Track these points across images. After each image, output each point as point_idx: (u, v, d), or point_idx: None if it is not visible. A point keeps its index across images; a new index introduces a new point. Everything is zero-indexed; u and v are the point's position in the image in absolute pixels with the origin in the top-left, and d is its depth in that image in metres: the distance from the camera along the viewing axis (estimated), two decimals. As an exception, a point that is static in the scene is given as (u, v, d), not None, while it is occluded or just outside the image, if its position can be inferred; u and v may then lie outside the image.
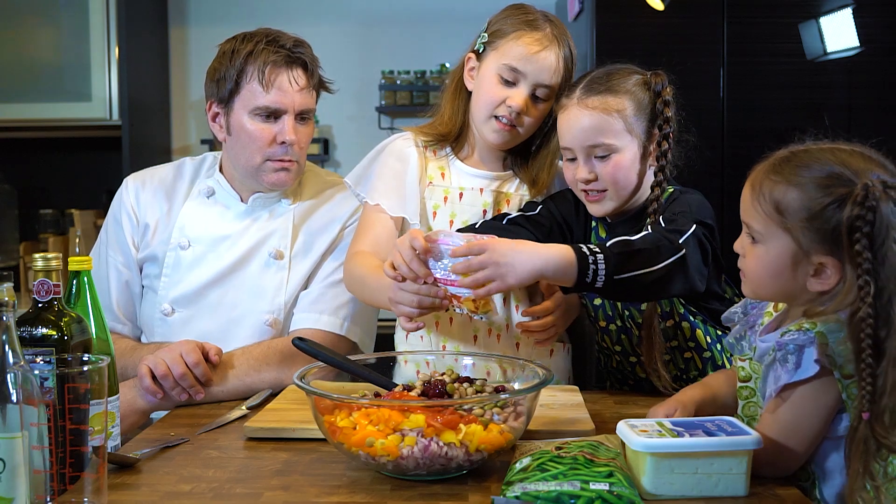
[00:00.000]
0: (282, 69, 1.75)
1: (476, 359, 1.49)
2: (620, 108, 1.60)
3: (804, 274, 1.21)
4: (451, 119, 1.79)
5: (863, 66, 2.91)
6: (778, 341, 1.22)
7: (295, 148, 1.78)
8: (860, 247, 1.13)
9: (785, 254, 1.21)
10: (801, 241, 1.19)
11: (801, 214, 1.19)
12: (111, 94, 3.41)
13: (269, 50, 1.75)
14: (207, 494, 1.16)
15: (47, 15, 3.42)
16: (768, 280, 1.25)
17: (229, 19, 3.73)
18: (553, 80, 1.69)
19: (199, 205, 1.86)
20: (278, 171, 1.79)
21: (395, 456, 1.15)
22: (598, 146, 1.60)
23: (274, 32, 1.79)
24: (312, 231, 1.85)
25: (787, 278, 1.23)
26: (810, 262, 1.20)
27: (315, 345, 1.42)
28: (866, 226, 1.14)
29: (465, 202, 1.76)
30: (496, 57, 1.69)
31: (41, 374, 1.09)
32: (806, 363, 1.18)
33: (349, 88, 3.80)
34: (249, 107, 1.75)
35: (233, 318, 1.78)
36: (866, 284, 1.13)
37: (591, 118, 1.59)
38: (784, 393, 1.21)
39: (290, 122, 1.76)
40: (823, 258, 1.19)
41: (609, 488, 1.06)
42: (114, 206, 1.90)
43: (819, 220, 1.18)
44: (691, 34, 2.92)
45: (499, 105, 1.68)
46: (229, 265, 1.81)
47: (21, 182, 3.71)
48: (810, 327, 1.19)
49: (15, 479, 0.99)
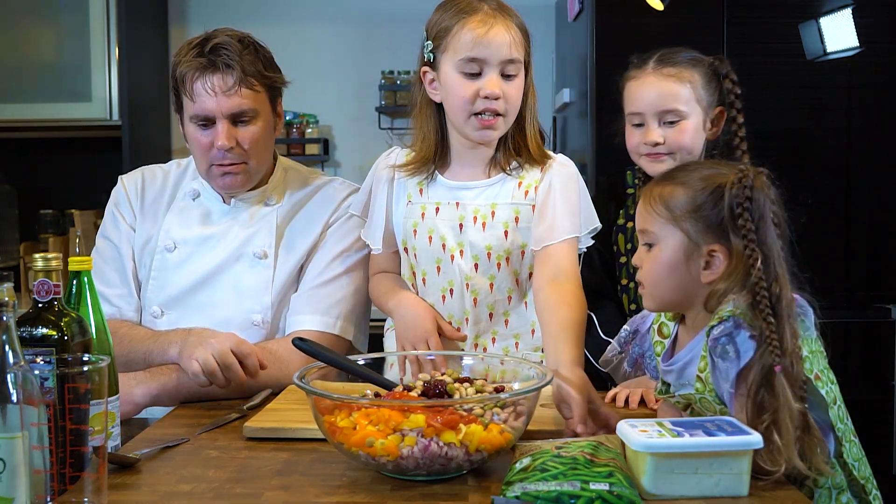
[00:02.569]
0: (199, 76, 1.74)
1: (476, 359, 1.49)
2: (693, 77, 1.77)
3: (696, 267, 1.30)
4: (425, 139, 1.74)
5: (863, 66, 2.91)
6: (710, 341, 1.25)
7: (235, 151, 1.77)
8: (743, 220, 1.25)
9: (678, 247, 1.30)
10: (690, 233, 1.29)
11: (687, 207, 1.29)
12: (111, 94, 3.41)
13: (189, 57, 1.75)
14: (207, 494, 1.16)
15: (47, 15, 3.42)
16: (665, 277, 1.32)
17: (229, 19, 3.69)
18: (515, 54, 1.64)
19: (185, 207, 1.88)
20: (224, 175, 1.80)
21: (395, 456, 1.15)
22: (670, 111, 1.77)
23: (204, 36, 1.78)
24: (296, 230, 1.86)
25: (681, 273, 1.31)
26: (701, 254, 1.29)
27: (315, 345, 1.42)
28: (746, 201, 1.25)
29: (441, 216, 1.72)
30: (450, 57, 1.64)
31: (41, 374, 1.09)
32: (743, 346, 1.22)
33: (349, 88, 3.80)
34: (189, 116, 1.78)
35: (221, 319, 1.78)
36: (753, 252, 1.24)
37: (666, 85, 1.77)
38: (740, 387, 1.23)
39: (223, 127, 1.75)
40: (713, 245, 1.28)
41: (609, 488, 1.06)
42: (111, 203, 1.92)
43: (704, 210, 1.29)
44: (691, 34, 2.92)
45: (475, 100, 1.63)
46: (214, 266, 1.82)
47: (21, 182, 3.71)
48: (730, 313, 1.24)
49: (15, 479, 0.99)
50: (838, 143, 2.91)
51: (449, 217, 1.72)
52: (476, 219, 1.70)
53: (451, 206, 1.72)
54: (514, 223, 1.70)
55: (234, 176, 1.80)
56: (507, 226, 1.69)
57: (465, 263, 1.70)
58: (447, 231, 1.71)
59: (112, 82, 3.41)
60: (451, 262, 1.71)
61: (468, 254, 1.70)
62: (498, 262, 1.70)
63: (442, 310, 1.72)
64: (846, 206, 2.89)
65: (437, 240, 1.71)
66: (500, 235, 1.69)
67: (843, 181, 2.89)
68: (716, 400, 1.29)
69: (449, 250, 1.71)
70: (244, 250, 1.83)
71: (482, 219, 1.70)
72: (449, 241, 1.71)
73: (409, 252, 1.75)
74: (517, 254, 1.70)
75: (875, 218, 2.93)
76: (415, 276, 1.76)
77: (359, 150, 3.86)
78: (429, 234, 1.73)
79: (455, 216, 1.71)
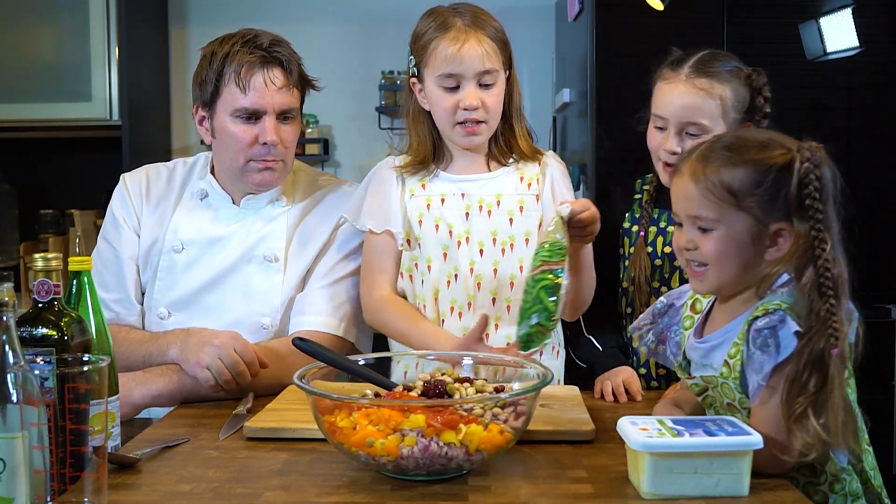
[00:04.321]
0: (257, 69, 1.74)
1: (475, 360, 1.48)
2: (724, 94, 1.69)
3: (762, 247, 1.27)
4: (421, 143, 1.83)
5: (863, 66, 2.90)
6: (752, 331, 1.23)
7: (279, 147, 1.77)
8: (811, 200, 1.21)
9: (744, 231, 1.26)
10: (757, 215, 1.25)
11: (751, 188, 1.25)
12: (111, 94, 3.40)
13: (245, 51, 1.74)
14: (207, 494, 1.16)
15: (47, 15, 3.41)
16: (732, 260, 1.28)
17: (229, 19, 3.70)
18: (490, 64, 1.73)
19: (193, 207, 1.86)
20: (262, 171, 1.79)
21: (395, 456, 1.15)
22: (694, 124, 1.69)
23: (253, 32, 1.78)
24: (306, 232, 1.85)
25: (748, 254, 1.27)
26: (767, 234, 1.26)
27: (315, 345, 1.42)
28: (816, 180, 1.22)
29: (447, 206, 1.80)
30: (429, 73, 1.75)
31: (41, 374, 1.09)
32: (785, 341, 1.21)
33: (349, 88, 3.80)
34: (230, 109, 1.76)
35: (230, 321, 1.78)
36: (820, 233, 1.21)
37: (696, 97, 1.68)
38: (773, 380, 1.22)
39: (271, 123, 1.75)
40: (780, 224, 1.25)
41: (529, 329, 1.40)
42: (114, 203, 1.90)
43: (771, 189, 1.24)
44: (691, 34, 2.91)
45: (455, 111, 1.74)
46: (224, 268, 1.82)
47: (21, 182, 3.71)
48: (776, 307, 1.22)
49: (15, 479, 0.99)
50: (838, 143, 2.90)
51: (455, 206, 1.79)
52: (482, 207, 1.79)
53: (457, 197, 1.80)
54: (518, 212, 1.78)
55: (272, 172, 1.80)
56: (512, 214, 1.78)
57: (471, 249, 1.77)
58: (454, 219, 1.79)
59: (112, 82, 3.40)
60: (457, 248, 1.77)
61: (473, 240, 1.77)
62: (502, 248, 1.77)
63: (446, 295, 1.77)
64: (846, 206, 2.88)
65: (444, 227, 1.78)
66: (505, 223, 1.78)
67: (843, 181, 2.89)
68: (738, 388, 1.28)
69: (455, 237, 1.78)
70: (254, 253, 1.82)
71: (487, 207, 1.79)
72: (456, 228, 1.78)
73: (412, 243, 1.80)
74: (521, 241, 1.78)
75: (875, 218, 2.93)
76: (416, 266, 1.79)
77: (359, 150, 3.85)
78: (435, 222, 1.79)
79: (461, 205, 1.79)
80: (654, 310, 1.50)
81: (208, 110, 1.80)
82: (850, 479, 1.32)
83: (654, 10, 2.87)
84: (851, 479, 1.32)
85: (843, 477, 1.32)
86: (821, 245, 1.21)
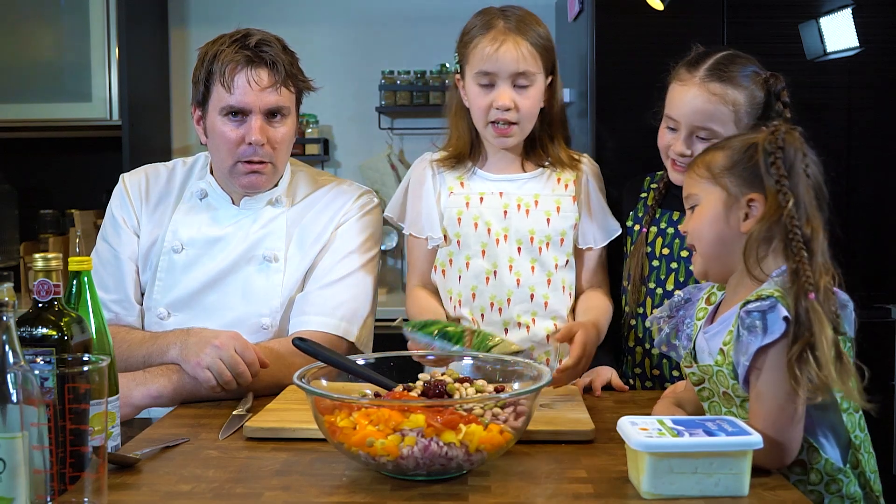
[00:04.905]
0: (243, 69, 1.74)
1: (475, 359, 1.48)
2: (737, 100, 1.67)
3: (736, 219, 1.35)
4: (460, 138, 1.89)
5: (863, 66, 2.90)
6: (742, 312, 1.26)
7: (265, 148, 1.77)
8: (775, 168, 1.31)
9: (717, 201, 1.36)
10: (728, 187, 1.35)
11: (726, 164, 1.36)
12: (111, 94, 3.40)
13: (231, 50, 1.74)
14: (207, 494, 1.16)
15: (47, 15, 3.41)
16: (707, 230, 1.37)
17: (229, 19, 3.69)
18: (525, 66, 1.77)
19: (192, 207, 1.86)
20: (248, 174, 1.79)
21: (395, 456, 1.15)
22: (705, 129, 1.68)
23: (243, 32, 1.79)
24: (306, 233, 1.85)
25: (722, 224, 1.36)
26: (740, 206, 1.34)
27: (315, 344, 1.42)
28: (778, 151, 1.32)
29: (486, 205, 1.85)
30: (469, 70, 1.80)
31: (41, 374, 1.09)
32: (773, 324, 1.23)
33: (349, 88, 3.80)
34: (218, 108, 1.76)
35: (229, 322, 1.77)
36: (783, 191, 1.30)
37: (708, 102, 1.67)
38: (759, 362, 1.24)
39: (257, 122, 1.75)
40: (750, 195, 1.34)
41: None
42: (113, 203, 1.90)
43: (741, 164, 1.35)
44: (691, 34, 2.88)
45: (489, 110, 1.78)
46: (223, 268, 1.82)
47: (21, 182, 3.71)
48: (769, 294, 1.25)
49: (15, 479, 0.99)
50: (838, 143, 2.90)
51: (493, 205, 1.85)
52: (520, 206, 1.85)
53: (495, 196, 1.86)
54: (555, 212, 1.85)
55: (259, 175, 1.79)
56: (549, 214, 1.85)
57: (510, 247, 1.84)
58: (492, 217, 1.85)
59: (112, 82, 3.40)
60: (496, 245, 1.84)
61: (512, 238, 1.84)
62: (539, 246, 1.84)
63: (485, 291, 1.84)
64: (846, 206, 2.88)
65: (483, 225, 1.85)
66: (542, 221, 1.84)
67: (843, 181, 2.89)
68: (731, 375, 1.29)
69: (494, 234, 1.84)
70: (254, 253, 1.82)
71: (525, 206, 1.85)
72: (494, 226, 1.84)
73: (449, 240, 1.86)
74: (557, 239, 1.85)
75: (875, 218, 2.93)
76: (450, 262, 1.87)
77: (359, 150, 3.85)
78: (474, 220, 1.85)
79: (499, 204, 1.85)
80: (672, 303, 1.53)
81: (202, 109, 1.81)
82: (847, 482, 1.32)
83: (654, 10, 2.87)
84: (849, 482, 1.32)
85: (839, 478, 1.32)
86: (784, 200, 1.29)
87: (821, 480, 1.31)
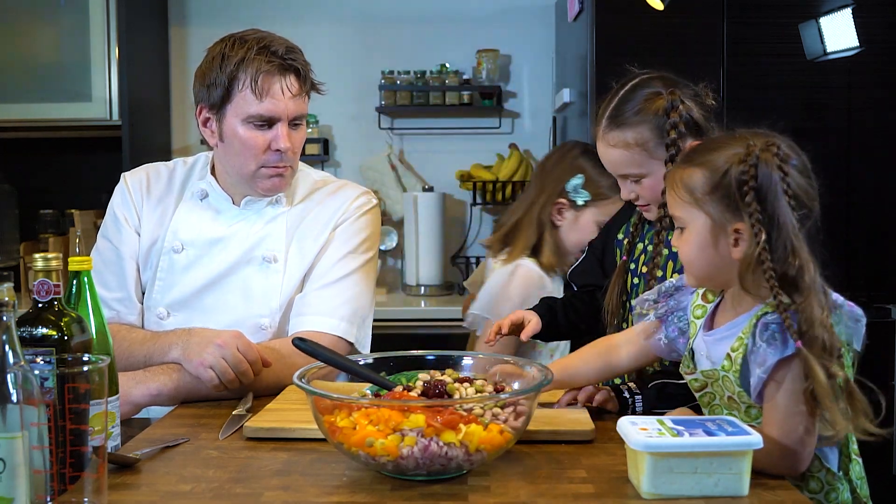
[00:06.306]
0: (275, 77, 1.73)
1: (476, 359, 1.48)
2: (639, 140, 1.64)
3: (725, 245, 1.28)
4: None
5: (863, 66, 2.90)
6: (760, 324, 1.23)
7: (289, 154, 1.77)
8: (748, 199, 1.24)
9: (704, 229, 1.29)
10: (712, 214, 1.28)
11: (706, 189, 1.28)
12: (111, 94, 3.40)
13: (262, 58, 1.72)
14: (207, 494, 1.16)
15: (47, 15, 3.41)
16: (697, 256, 1.31)
17: (229, 19, 3.72)
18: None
19: (192, 208, 1.86)
20: (272, 177, 1.79)
21: (395, 456, 1.15)
22: (628, 175, 1.68)
23: (266, 37, 1.77)
24: (305, 233, 1.85)
25: (711, 253, 1.30)
26: (727, 234, 1.28)
27: (315, 344, 1.42)
28: (751, 180, 1.24)
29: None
30: None
31: (41, 374, 1.09)
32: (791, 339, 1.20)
33: (349, 88, 3.80)
34: (242, 115, 1.74)
35: (229, 322, 1.77)
36: (759, 231, 1.22)
37: (613, 153, 1.67)
38: (778, 374, 1.22)
39: (284, 130, 1.75)
40: (736, 224, 1.26)
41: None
42: (114, 201, 1.90)
43: (720, 189, 1.27)
44: (691, 34, 2.92)
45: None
46: (223, 269, 1.82)
47: (21, 182, 3.71)
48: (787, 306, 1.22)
49: (15, 479, 0.99)
50: (838, 143, 2.91)
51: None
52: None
53: None
54: None
55: (282, 178, 1.80)
56: None
57: None
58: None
59: (112, 82, 3.40)
60: None
61: None
62: None
63: None
64: (846, 206, 2.88)
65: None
66: None
67: (843, 181, 2.89)
68: (737, 382, 1.28)
69: None
70: (254, 253, 1.82)
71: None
72: None
73: None
74: None
75: (875, 218, 2.93)
76: None
77: (359, 150, 3.85)
78: None
79: None
80: (660, 288, 1.48)
81: (216, 113, 1.78)
82: (842, 489, 1.32)
83: (654, 10, 2.87)
84: (843, 489, 1.32)
85: (836, 486, 1.32)
86: (756, 239, 1.23)
87: (821, 489, 1.31)
